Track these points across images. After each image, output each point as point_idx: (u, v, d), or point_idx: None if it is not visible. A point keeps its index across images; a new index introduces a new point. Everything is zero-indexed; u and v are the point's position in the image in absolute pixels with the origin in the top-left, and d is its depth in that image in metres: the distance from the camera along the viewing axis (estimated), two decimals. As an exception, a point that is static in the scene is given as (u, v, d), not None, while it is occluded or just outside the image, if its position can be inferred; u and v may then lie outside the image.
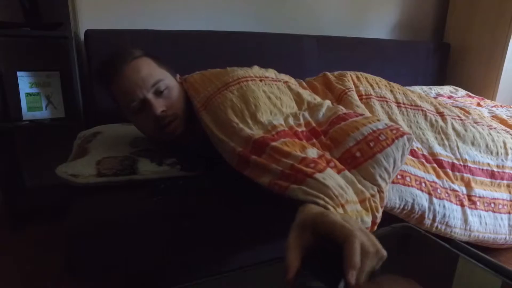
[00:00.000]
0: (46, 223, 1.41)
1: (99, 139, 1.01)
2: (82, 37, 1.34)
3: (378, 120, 0.78)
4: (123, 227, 0.74)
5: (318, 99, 0.93)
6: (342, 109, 0.84)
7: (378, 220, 0.67)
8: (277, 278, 0.35)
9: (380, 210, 0.69)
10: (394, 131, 0.75)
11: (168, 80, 0.87)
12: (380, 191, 0.70)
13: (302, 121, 0.81)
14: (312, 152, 0.69)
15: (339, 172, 0.67)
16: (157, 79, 0.84)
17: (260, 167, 0.66)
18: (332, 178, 0.60)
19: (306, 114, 0.84)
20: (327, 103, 0.90)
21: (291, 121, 0.80)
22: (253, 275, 0.37)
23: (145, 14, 1.52)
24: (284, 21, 1.81)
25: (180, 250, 0.78)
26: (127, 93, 0.83)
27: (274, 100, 0.83)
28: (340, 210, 0.55)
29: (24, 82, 1.34)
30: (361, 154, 0.72)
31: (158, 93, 0.84)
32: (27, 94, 1.34)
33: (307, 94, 0.92)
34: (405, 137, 0.74)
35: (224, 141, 0.75)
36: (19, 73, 1.33)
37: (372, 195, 0.68)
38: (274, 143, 0.68)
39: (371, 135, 0.73)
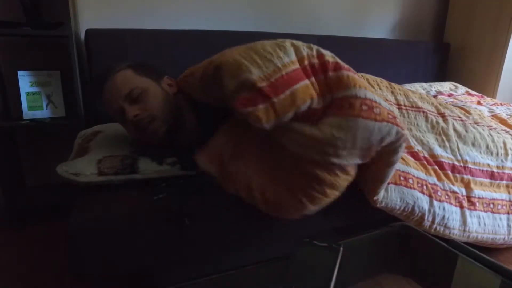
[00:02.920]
0: (47, 222, 1.42)
1: (100, 138, 1.02)
2: (82, 36, 1.34)
3: (385, 101, 0.77)
4: (123, 226, 0.75)
5: None
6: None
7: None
8: (278, 278, 0.36)
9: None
10: (390, 116, 0.70)
11: (145, 85, 0.89)
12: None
13: (315, 53, 0.77)
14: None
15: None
16: (131, 88, 0.87)
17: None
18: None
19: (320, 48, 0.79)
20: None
21: (304, 51, 0.76)
22: (253, 274, 0.37)
23: (146, 14, 1.52)
24: (284, 21, 1.81)
25: (181, 250, 0.79)
26: (108, 105, 0.90)
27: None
28: None
29: (25, 81, 1.34)
30: (349, 106, 0.68)
31: (133, 100, 0.87)
32: (28, 93, 1.34)
33: None
34: (395, 127, 0.69)
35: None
36: (19, 72, 1.33)
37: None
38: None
39: (370, 101, 0.68)
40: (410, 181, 0.84)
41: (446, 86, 1.79)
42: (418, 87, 1.72)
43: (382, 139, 0.69)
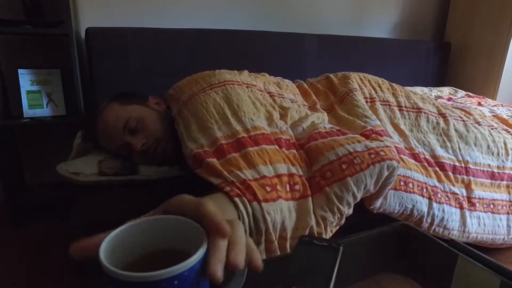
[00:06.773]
0: (47, 221, 1.42)
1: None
2: (83, 35, 1.34)
3: (359, 142, 0.75)
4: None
5: (303, 113, 0.92)
6: (324, 127, 0.82)
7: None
8: (277, 277, 0.36)
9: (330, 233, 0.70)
10: (373, 155, 0.72)
11: (137, 113, 0.88)
12: (340, 218, 0.72)
13: (285, 129, 0.80)
14: (282, 168, 0.67)
15: (299, 198, 0.67)
16: (125, 120, 0.86)
17: (212, 171, 0.65)
18: (276, 212, 0.60)
19: (289, 129, 0.83)
20: (312, 118, 0.88)
21: (275, 126, 0.79)
22: (252, 274, 0.37)
23: (146, 12, 1.52)
24: (285, 20, 1.81)
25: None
26: (109, 145, 0.89)
27: (258, 105, 0.82)
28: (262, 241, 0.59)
29: (25, 80, 1.34)
30: (331, 174, 0.70)
31: (132, 130, 0.86)
32: (28, 92, 1.34)
33: (293, 109, 0.91)
34: (384, 163, 0.72)
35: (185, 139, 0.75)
36: (20, 71, 1.33)
37: (328, 223, 0.69)
38: (250, 148, 0.67)
39: (346, 157, 0.71)
40: (410, 185, 0.84)
41: (445, 91, 1.80)
42: (419, 91, 1.73)
43: (378, 180, 0.73)
